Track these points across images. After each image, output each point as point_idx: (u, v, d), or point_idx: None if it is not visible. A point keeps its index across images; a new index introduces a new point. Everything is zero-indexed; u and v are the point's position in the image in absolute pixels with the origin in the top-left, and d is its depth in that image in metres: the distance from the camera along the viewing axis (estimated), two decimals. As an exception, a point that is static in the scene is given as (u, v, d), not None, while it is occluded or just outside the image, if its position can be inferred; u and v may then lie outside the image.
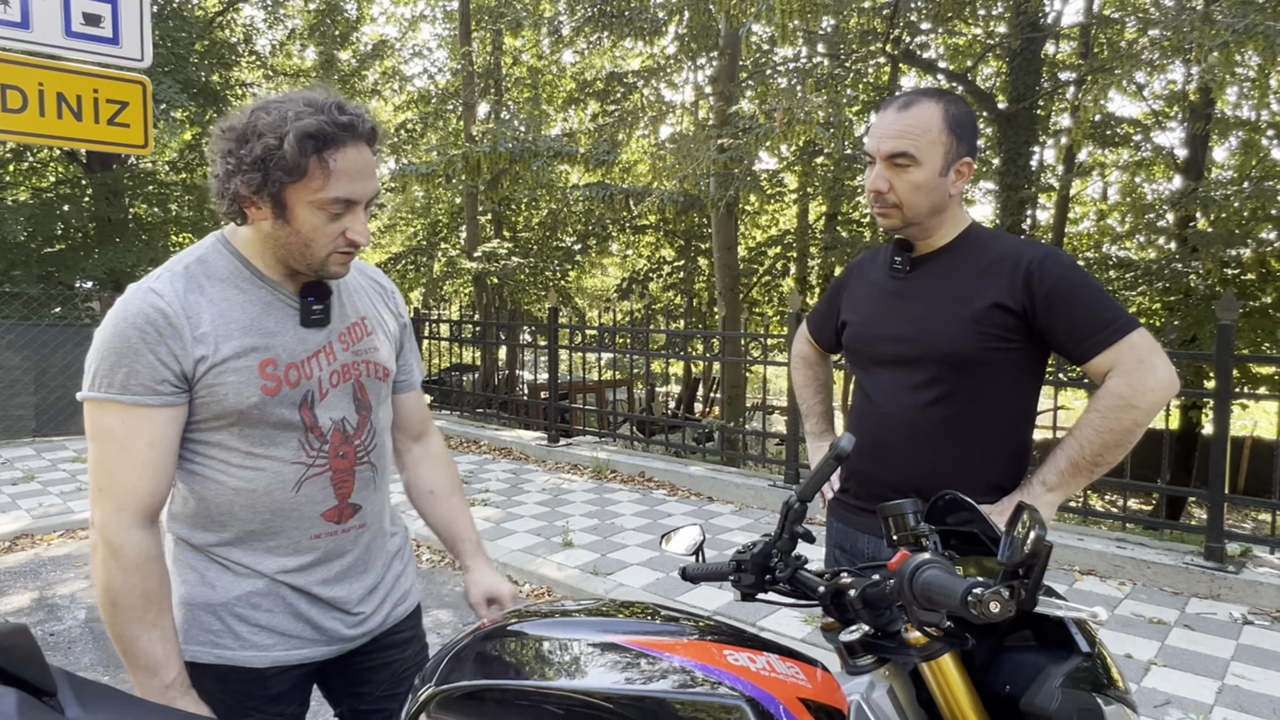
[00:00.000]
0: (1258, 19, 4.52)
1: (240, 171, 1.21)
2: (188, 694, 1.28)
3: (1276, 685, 3.24)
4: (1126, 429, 1.54)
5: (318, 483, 1.36)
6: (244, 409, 1.28)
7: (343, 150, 1.22)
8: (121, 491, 1.24)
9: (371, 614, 1.47)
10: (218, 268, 1.31)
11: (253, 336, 1.29)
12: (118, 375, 1.23)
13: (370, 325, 1.45)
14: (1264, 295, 9.87)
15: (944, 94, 1.67)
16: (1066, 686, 1.08)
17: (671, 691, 1.05)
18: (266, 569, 1.36)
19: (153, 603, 1.25)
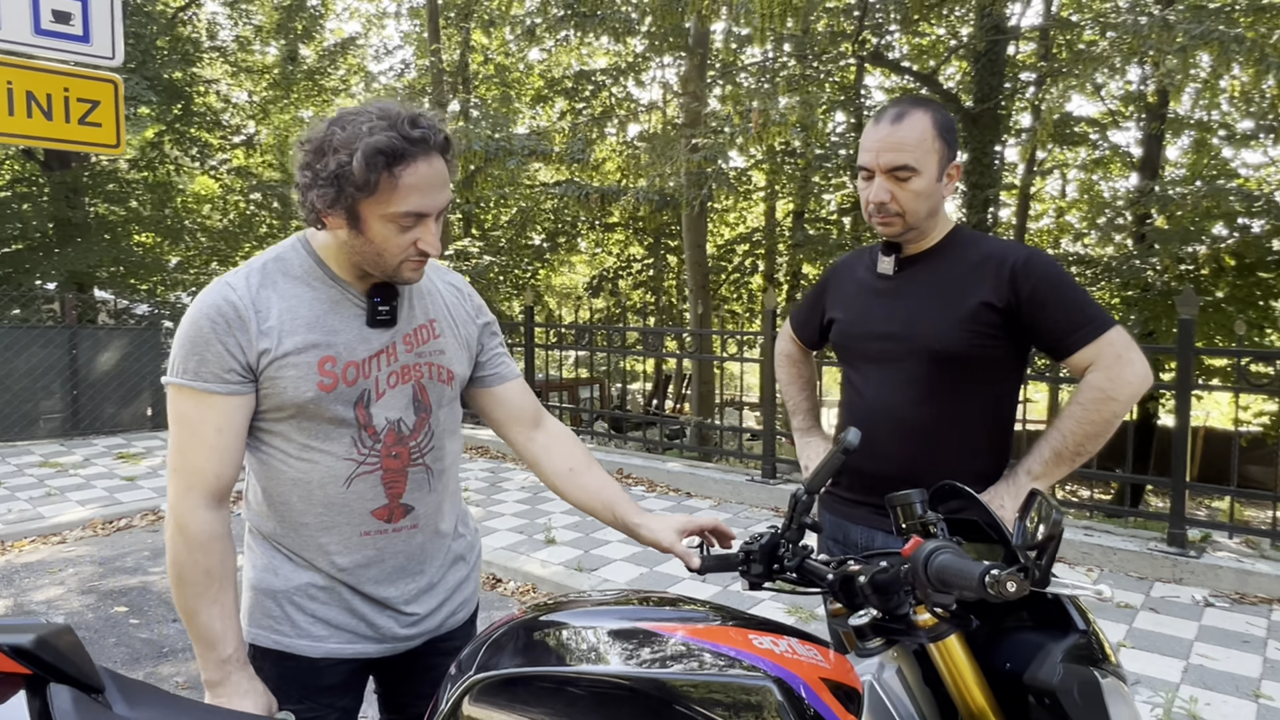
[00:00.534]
0: (1213, 25, 4.72)
1: (316, 186, 1.25)
2: (244, 669, 1.33)
3: (1237, 663, 3.40)
4: (1106, 420, 1.63)
5: (368, 481, 1.39)
6: (301, 403, 1.32)
7: (413, 165, 1.24)
8: (190, 472, 1.30)
9: (426, 616, 1.49)
10: (293, 265, 1.36)
11: (315, 333, 1.33)
12: (191, 363, 1.29)
13: (439, 328, 1.47)
14: (1218, 290, 10.22)
15: (928, 102, 1.74)
16: (1067, 661, 1.16)
17: (704, 673, 1.11)
18: (323, 565, 1.40)
19: (214, 580, 1.30)
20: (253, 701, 1.31)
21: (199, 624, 1.30)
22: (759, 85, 9.15)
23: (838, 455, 1.43)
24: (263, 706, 1.32)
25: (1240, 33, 4.67)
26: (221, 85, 14.50)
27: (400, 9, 17.73)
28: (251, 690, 1.32)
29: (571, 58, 16.91)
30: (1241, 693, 3.16)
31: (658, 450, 8.35)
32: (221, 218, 14.02)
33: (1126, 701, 1.20)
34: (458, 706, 1.13)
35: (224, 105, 14.37)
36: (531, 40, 10.20)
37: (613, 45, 10.87)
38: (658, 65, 13.67)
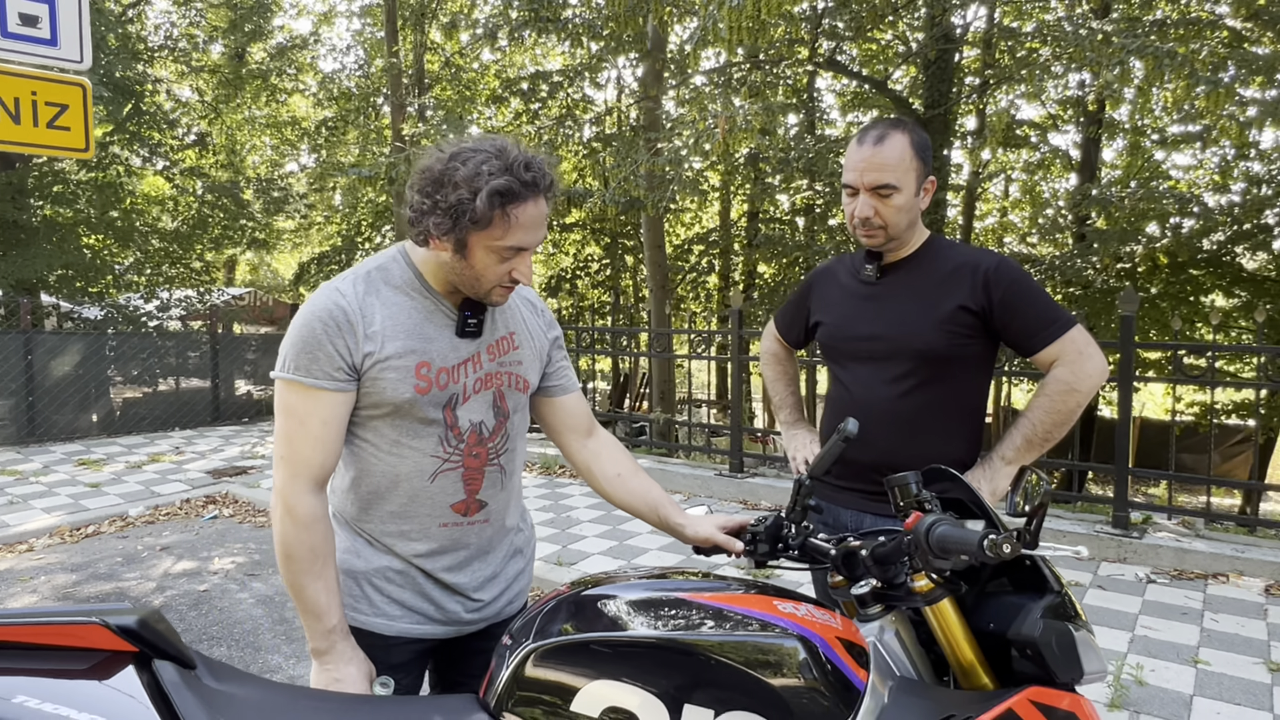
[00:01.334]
0: (1148, 41, 5.04)
1: (434, 213, 1.38)
2: (347, 639, 1.46)
3: (1176, 633, 3.68)
4: (1071, 409, 1.84)
5: (450, 477, 1.52)
6: (398, 403, 1.45)
7: (524, 205, 1.38)
8: (297, 460, 1.42)
9: (490, 602, 1.63)
10: (394, 276, 1.49)
11: (413, 340, 1.46)
12: (303, 360, 1.41)
13: (518, 340, 1.60)
14: (1153, 287, 10.74)
15: (905, 124, 1.91)
16: (1045, 618, 1.34)
17: (738, 633, 1.26)
18: (402, 551, 1.53)
19: (319, 557, 1.43)
20: (356, 668, 1.44)
21: (307, 597, 1.42)
22: (717, 90, 9.35)
23: (839, 443, 1.60)
24: (365, 673, 1.45)
25: (1172, 47, 5.01)
26: (172, 85, 14.22)
27: (352, 8, 17.55)
28: (355, 658, 1.45)
29: (526, 57, 16.94)
30: (1182, 659, 3.43)
31: (631, 447, 8.50)
32: (173, 219, 13.74)
33: (1095, 651, 1.38)
34: (520, 670, 1.26)
35: (175, 105, 14.10)
36: (491, 43, 10.24)
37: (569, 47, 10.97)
38: (613, 67, 13.80)
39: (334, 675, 1.43)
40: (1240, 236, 10.24)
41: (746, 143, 5.96)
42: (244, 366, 11.41)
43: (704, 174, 14.49)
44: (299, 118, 18.57)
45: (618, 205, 7.19)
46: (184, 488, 6.75)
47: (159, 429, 9.58)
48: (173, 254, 12.64)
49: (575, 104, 13.71)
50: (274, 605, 4.29)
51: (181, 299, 12.05)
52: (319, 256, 16.92)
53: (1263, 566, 4.35)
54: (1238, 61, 6.00)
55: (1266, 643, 3.59)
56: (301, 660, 3.65)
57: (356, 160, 16.04)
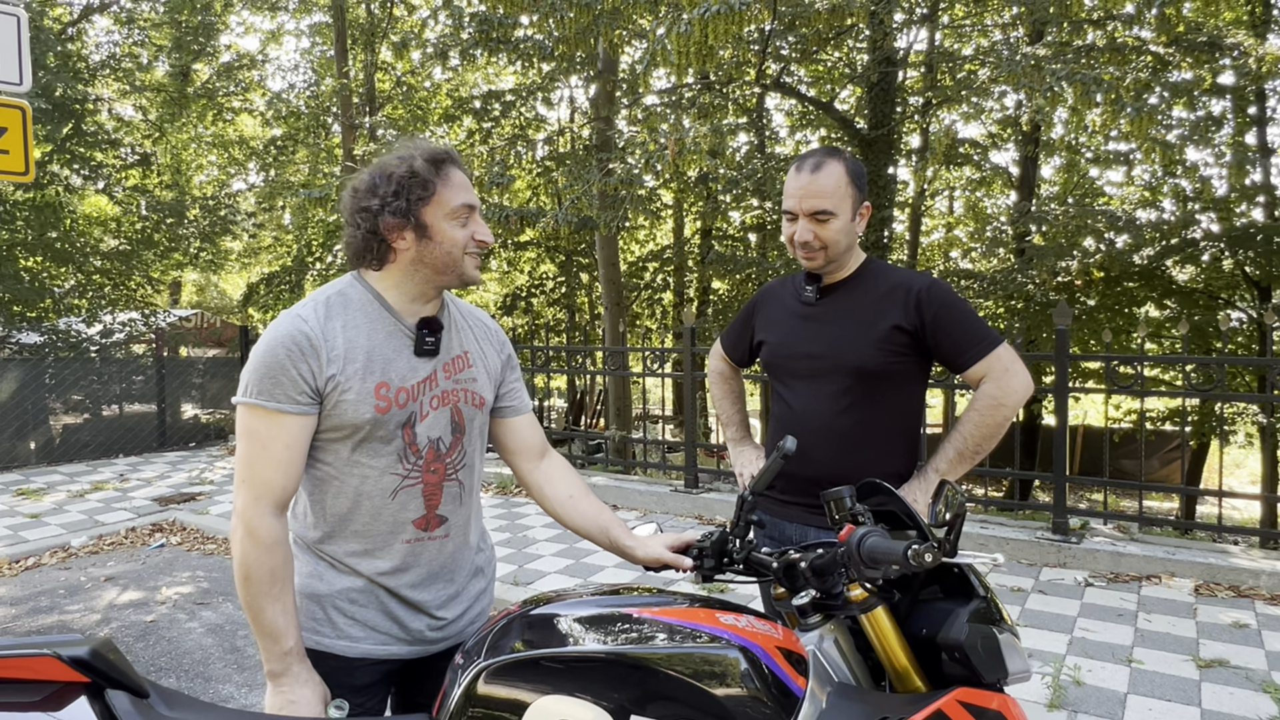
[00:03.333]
0: (1077, 67, 5.29)
1: (384, 212, 1.48)
2: (303, 661, 1.48)
3: (1113, 635, 3.84)
4: (999, 423, 1.94)
5: (411, 493, 1.56)
6: (358, 423, 1.49)
7: (452, 168, 1.53)
8: (260, 483, 1.45)
9: (453, 620, 1.65)
10: (353, 300, 1.54)
11: (373, 361, 1.51)
12: (266, 385, 1.45)
13: (472, 359, 1.66)
14: (1089, 300, 11.14)
15: (840, 153, 2.02)
16: (971, 622, 1.42)
17: (683, 646, 1.32)
18: (365, 570, 1.56)
19: (278, 580, 1.45)
20: (311, 691, 1.46)
21: (265, 620, 1.44)
22: (667, 111, 9.50)
23: (778, 460, 1.67)
24: (319, 695, 1.48)
25: (1098, 74, 5.26)
26: (114, 104, 13.92)
27: (301, 27, 17.40)
28: (310, 680, 1.47)
29: (478, 75, 16.96)
30: (1117, 659, 3.57)
31: (579, 465, 8.52)
32: (115, 239, 13.41)
33: (1018, 652, 1.47)
34: (471, 688, 1.30)
35: (117, 124, 13.80)
36: (442, 62, 10.25)
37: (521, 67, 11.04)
38: (565, 86, 13.90)
39: (289, 697, 1.44)
40: (1169, 250, 10.69)
41: (696, 164, 6.08)
42: (191, 390, 11.16)
43: (657, 192, 14.65)
44: (247, 137, 18.31)
45: (571, 224, 7.25)
46: (129, 516, 6.59)
47: (102, 456, 9.33)
48: (114, 275, 12.32)
49: (528, 123, 13.77)
50: (224, 634, 4.22)
51: (125, 322, 11.76)
52: (268, 277, 16.63)
53: (1192, 567, 4.54)
54: (1162, 86, 6.31)
55: (1195, 640, 3.76)
56: (254, 690, 3.60)
57: (306, 180, 15.85)
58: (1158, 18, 6.24)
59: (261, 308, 16.41)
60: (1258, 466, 16.95)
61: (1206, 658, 3.57)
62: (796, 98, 10.80)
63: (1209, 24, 9.79)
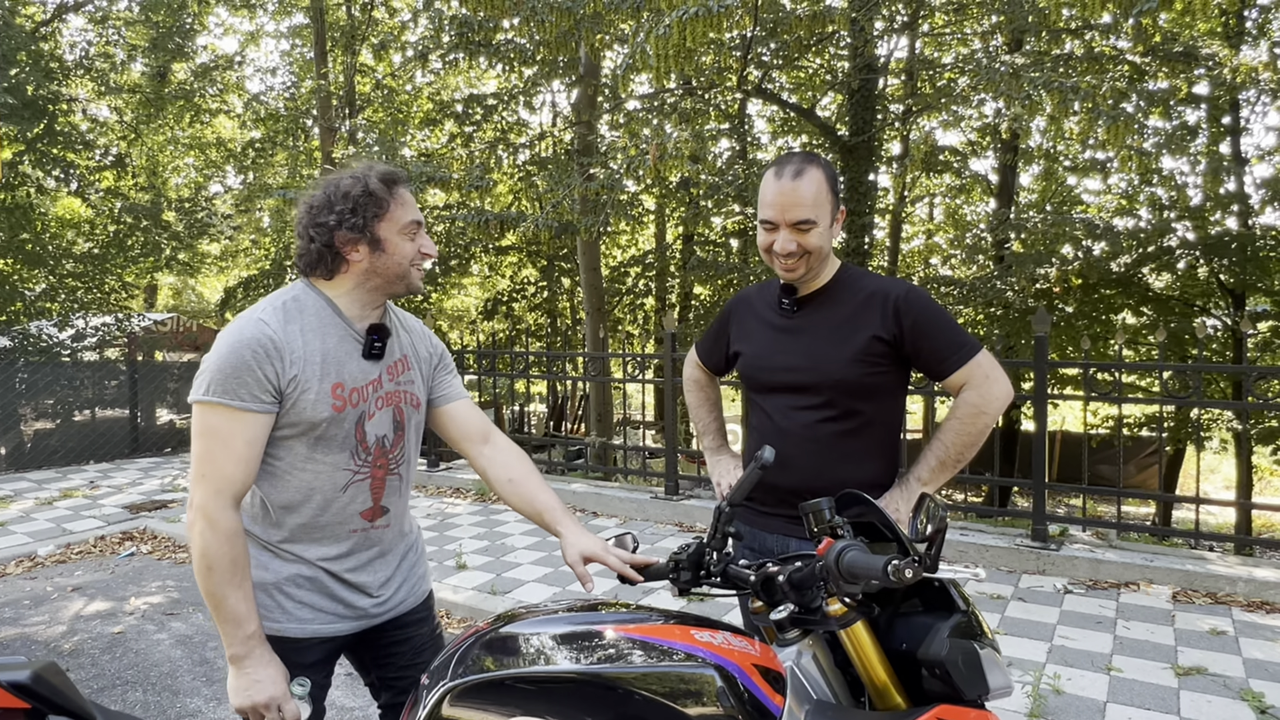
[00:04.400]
0: (1055, 76, 5.32)
1: (340, 227, 1.60)
2: (264, 644, 1.56)
3: (1092, 642, 3.83)
4: (980, 431, 1.91)
5: (360, 487, 1.69)
6: (316, 421, 1.60)
7: (402, 187, 1.67)
8: (220, 478, 1.53)
9: (391, 596, 1.79)
10: (308, 306, 1.64)
11: (329, 364, 1.62)
12: (230, 384, 1.52)
13: (410, 362, 1.80)
14: (1067, 307, 11.23)
15: (817, 158, 1.96)
16: (952, 637, 1.39)
17: (656, 664, 1.28)
18: (310, 556, 1.67)
19: (239, 568, 1.53)
20: (274, 669, 1.55)
21: (227, 607, 1.52)
22: (649, 116, 9.48)
23: (755, 470, 1.63)
24: (281, 674, 1.56)
25: (1076, 83, 5.29)
26: (89, 104, 13.71)
27: (280, 28, 17.25)
28: (272, 661, 1.56)
29: (460, 79, 16.87)
30: (1096, 667, 3.57)
31: (559, 471, 8.46)
32: (88, 241, 13.19)
33: (1000, 668, 1.44)
34: (436, 711, 1.25)
35: (91, 125, 13.59)
36: (423, 65, 10.18)
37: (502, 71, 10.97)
38: (548, 91, 13.85)
39: (253, 678, 1.52)
40: (1146, 258, 10.80)
41: (678, 169, 6.05)
42: (166, 395, 10.99)
43: (639, 198, 14.64)
44: (225, 139, 18.11)
45: (552, 229, 7.20)
46: (99, 524, 6.45)
47: (72, 462, 9.16)
48: (87, 278, 12.12)
49: (510, 127, 13.71)
50: (194, 645, 4.13)
51: (98, 326, 11.57)
52: (246, 281, 16.45)
53: (1170, 574, 4.56)
54: (1138, 95, 6.37)
55: (1174, 648, 3.76)
56: (223, 703, 3.51)
57: (285, 183, 15.68)
58: (1134, 28, 6.29)
59: (239, 312, 16.20)
60: (1232, 472, 17.16)
61: (1185, 665, 3.57)
62: (778, 104, 10.81)
63: (1184, 35, 9.92)
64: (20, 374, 9.24)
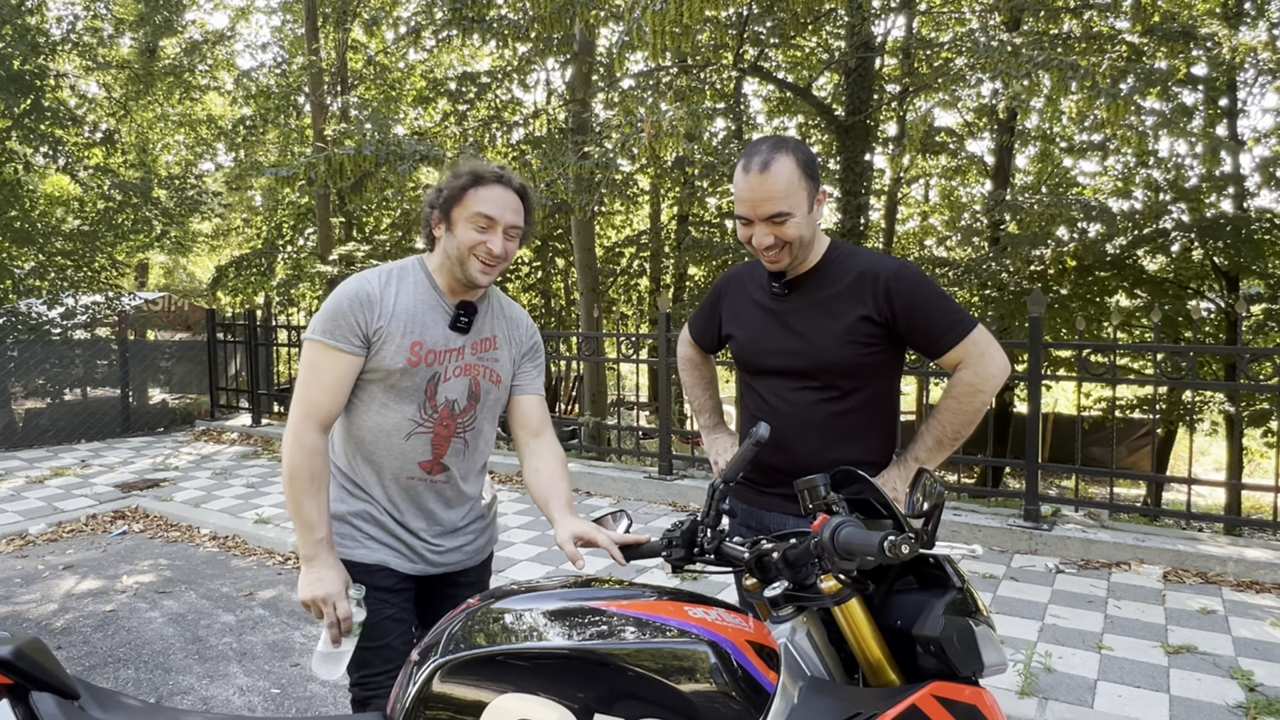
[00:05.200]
0: (1053, 54, 5.27)
1: (434, 206, 1.88)
2: (331, 551, 1.80)
3: (1083, 621, 3.85)
4: (977, 409, 1.90)
5: (422, 439, 1.89)
6: (391, 369, 1.83)
7: (490, 187, 1.83)
8: (311, 403, 1.79)
9: (448, 550, 1.97)
10: (409, 275, 1.90)
11: (414, 324, 1.85)
12: (329, 326, 1.79)
13: (498, 343, 1.98)
14: (1062, 288, 11.22)
15: (788, 143, 1.88)
16: (947, 614, 1.38)
17: (649, 641, 1.26)
18: (376, 496, 1.90)
19: (316, 480, 1.78)
20: (335, 572, 1.77)
21: (304, 512, 1.76)
22: (644, 94, 9.39)
23: (750, 448, 1.62)
24: (341, 577, 1.78)
25: (1075, 60, 5.25)
26: (78, 80, 13.52)
27: (271, 3, 17.00)
28: (336, 564, 1.79)
29: (454, 57, 16.69)
30: (1087, 646, 3.59)
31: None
32: (77, 219, 13.05)
33: (995, 645, 1.43)
34: (426, 687, 1.24)
35: (80, 100, 13.41)
36: (415, 42, 10.06)
37: (495, 48, 10.85)
38: (542, 69, 13.70)
39: (317, 575, 1.75)
40: (1141, 240, 10.78)
41: (673, 147, 6.00)
42: (158, 375, 10.92)
43: (634, 177, 14.55)
44: (215, 116, 17.90)
45: (546, 208, 7.14)
46: (90, 503, 6.43)
47: (64, 441, 9.11)
48: (77, 256, 12.00)
49: (504, 106, 13.57)
50: (186, 624, 4.12)
51: (89, 305, 11.47)
52: (238, 260, 16.34)
53: (1161, 554, 4.58)
54: (1136, 75, 6.32)
55: (1164, 627, 3.78)
56: (215, 680, 3.51)
57: (277, 161, 15.53)
58: (1133, 6, 6.25)
59: (231, 291, 16.08)
60: (1221, 454, 17.26)
61: (1175, 644, 3.59)
62: (774, 83, 10.74)
63: (1183, 15, 9.86)
64: (10, 352, 9.17)
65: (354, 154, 7.10)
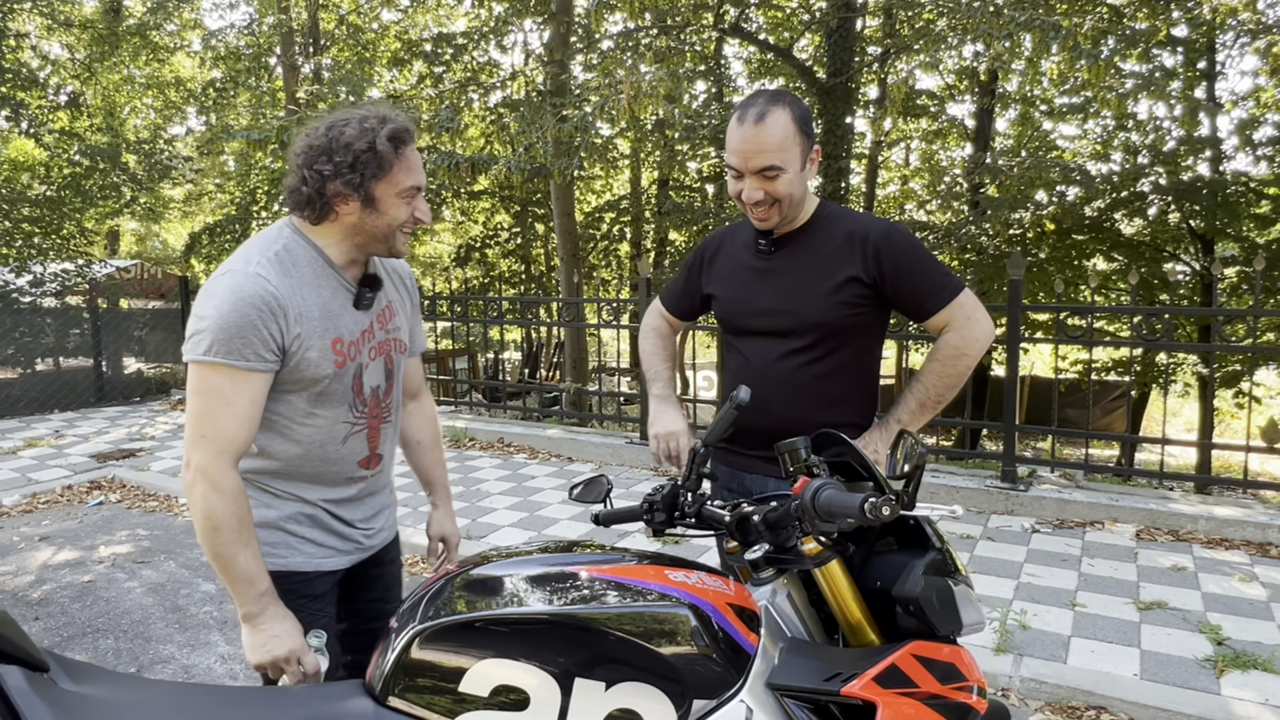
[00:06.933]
0: (1035, 14, 5.23)
1: (336, 178, 1.52)
2: (276, 601, 1.55)
3: (1058, 579, 3.92)
4: (961, 372, 1.90)
5: (359, 438, 1.70)
6: (318, 378, 1.58)
7: (410, 146, 1.57)
8: (223, 438, 1.49)
9: (378, 531, 1.84)
10: (300, 257, 1.58)
11: (327, 319, 1.59)
12: (235, 344, 1.46)
13: (395, 309, 1.78)
14: (1040, 252, 11.27)
15: (785, 96, 1.86)
16: (926, 575, 1.39)
17: (630, 605, 1.26)
18: (310, 496, 1.68)
19: (245, 526, 1.51)
20: (289, 625, 1.54)
21: (238, 566, 1.49)
22: (623, 55, 9.23)
23: (731, 410, 1.61)
24: (297, 627, 1.55)
25: (1057, 21, 5.21)
26: (39, 41, 13.10)
27: (239, -40, 16.51)
28: (286, 615, 1.55)
29: (429, 18, 16.32)
30: (1061, 603, 3.65)
31: (534, 418, 8.45)
32: (43, 185, 12.73)
33: (973, 603, 1.44)
34: (405, 654, 1.23)
35: (43, 62, 13.02)
36: (389, 1, 9.80)
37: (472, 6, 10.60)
38: (519, 30, 13.43)
39: (270, 633, 1.52)
40: (1119, 203, 10.83)
41: (653, 108, 5.91)
42: (131, 343, 10.75)
43: (613, 141, 14.38)
44: (184, 78, 17.45)
45: (524, 172, 7.04)
46: (65, 473, 6.35)
47: (36, 412, 8.98)
48: (44, 223, 11.73)
49: (480, 68, 13.31)
50: (165, 593, 4.10)
51: (58, 273, 11.24)
52: (211, 227, 16.03)
53: (1134, 513, 4.66)
54: (1117, 36, 6.30)
55: (1136, 584, 3.86)
56: (196, 649, 3.50)
57: (249, 124, 15.20)
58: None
59: (205, 258, 15.80)
60: (1192, 415, 17.57)
61: (1146, 600, 3.66)
62: (755, 43, 10.60)
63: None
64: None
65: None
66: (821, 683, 1.29)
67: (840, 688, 1.26)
